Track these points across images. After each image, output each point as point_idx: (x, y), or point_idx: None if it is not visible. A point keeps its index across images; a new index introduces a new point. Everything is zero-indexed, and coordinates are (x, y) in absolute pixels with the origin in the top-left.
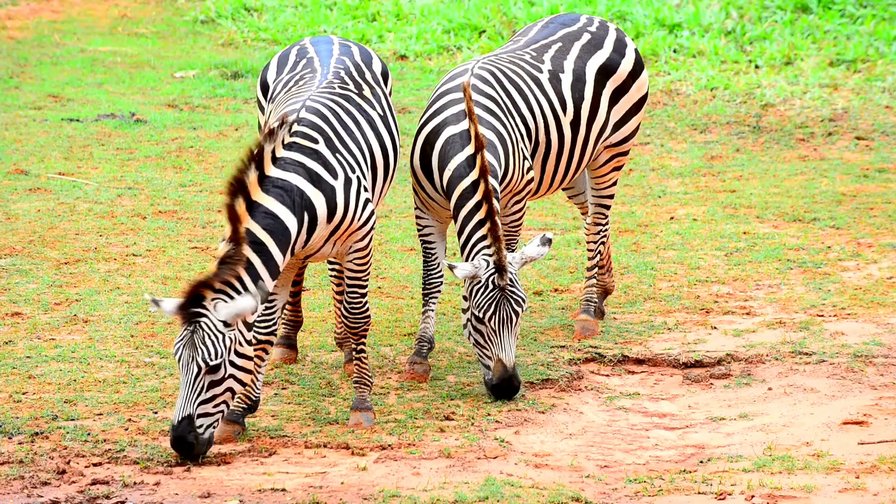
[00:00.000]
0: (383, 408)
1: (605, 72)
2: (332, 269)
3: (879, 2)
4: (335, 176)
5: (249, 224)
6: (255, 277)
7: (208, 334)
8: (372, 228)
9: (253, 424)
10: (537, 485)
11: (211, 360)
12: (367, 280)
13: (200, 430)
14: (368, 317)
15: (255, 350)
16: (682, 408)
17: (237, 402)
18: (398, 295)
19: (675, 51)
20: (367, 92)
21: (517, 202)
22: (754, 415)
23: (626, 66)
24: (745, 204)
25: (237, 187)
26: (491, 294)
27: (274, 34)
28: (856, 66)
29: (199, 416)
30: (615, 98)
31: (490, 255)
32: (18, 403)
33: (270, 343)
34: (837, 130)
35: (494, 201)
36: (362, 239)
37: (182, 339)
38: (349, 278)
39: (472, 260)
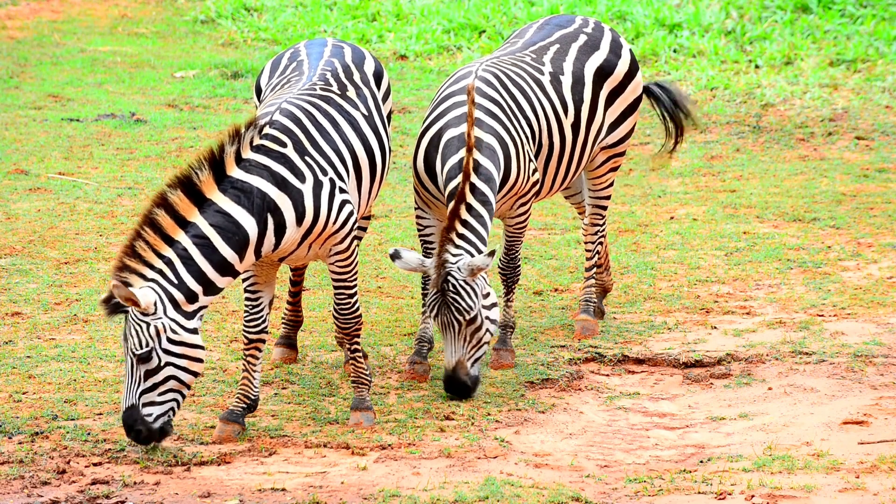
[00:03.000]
0: (383, 408)
1: (603, 73)
2: None
3: (879, 2)
4: (303, 180)
5: (197, 219)
6: (195, 271)
7: (133, 323)
8: (351, 230)
9: (253, 424)
10: (537, 484)
11: (136, 349)
12: (353, 281)
13: (150, 419)
14: (359, 317)
15: (247, 349)
16: (682, 407)
17: (236, 401)
18: (398, 295)
19: (675, 51)
20: (350, 93)
21: (522, 204)
22: (754, 415)
23: (622, 67)
24: (745, 204)
25: (181, 181)
26: (434, 295)
27: (274, 34)
28: (856, 66)
29: (145, 404)
30: (611, 99)
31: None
32: (18, 403)
33: (262, 341)
34: (837, 130)
35: (466, 203)
36: (341, 241)
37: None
38: (335, 280)
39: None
